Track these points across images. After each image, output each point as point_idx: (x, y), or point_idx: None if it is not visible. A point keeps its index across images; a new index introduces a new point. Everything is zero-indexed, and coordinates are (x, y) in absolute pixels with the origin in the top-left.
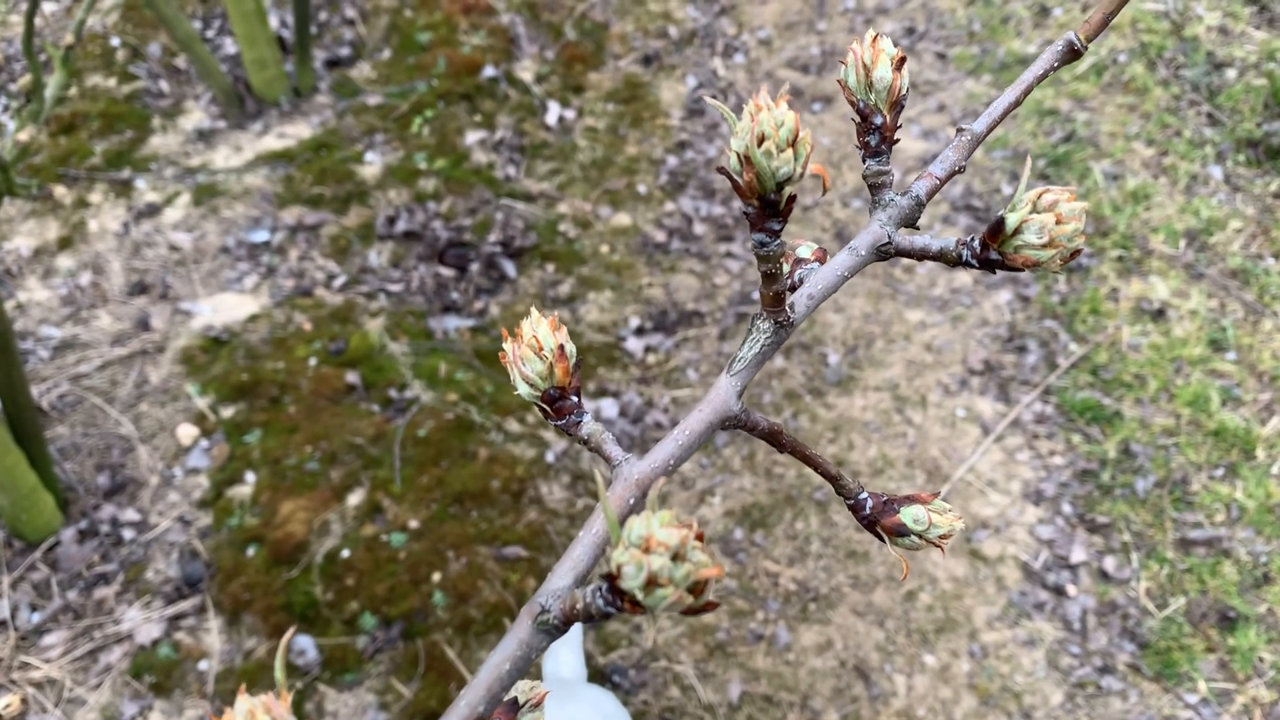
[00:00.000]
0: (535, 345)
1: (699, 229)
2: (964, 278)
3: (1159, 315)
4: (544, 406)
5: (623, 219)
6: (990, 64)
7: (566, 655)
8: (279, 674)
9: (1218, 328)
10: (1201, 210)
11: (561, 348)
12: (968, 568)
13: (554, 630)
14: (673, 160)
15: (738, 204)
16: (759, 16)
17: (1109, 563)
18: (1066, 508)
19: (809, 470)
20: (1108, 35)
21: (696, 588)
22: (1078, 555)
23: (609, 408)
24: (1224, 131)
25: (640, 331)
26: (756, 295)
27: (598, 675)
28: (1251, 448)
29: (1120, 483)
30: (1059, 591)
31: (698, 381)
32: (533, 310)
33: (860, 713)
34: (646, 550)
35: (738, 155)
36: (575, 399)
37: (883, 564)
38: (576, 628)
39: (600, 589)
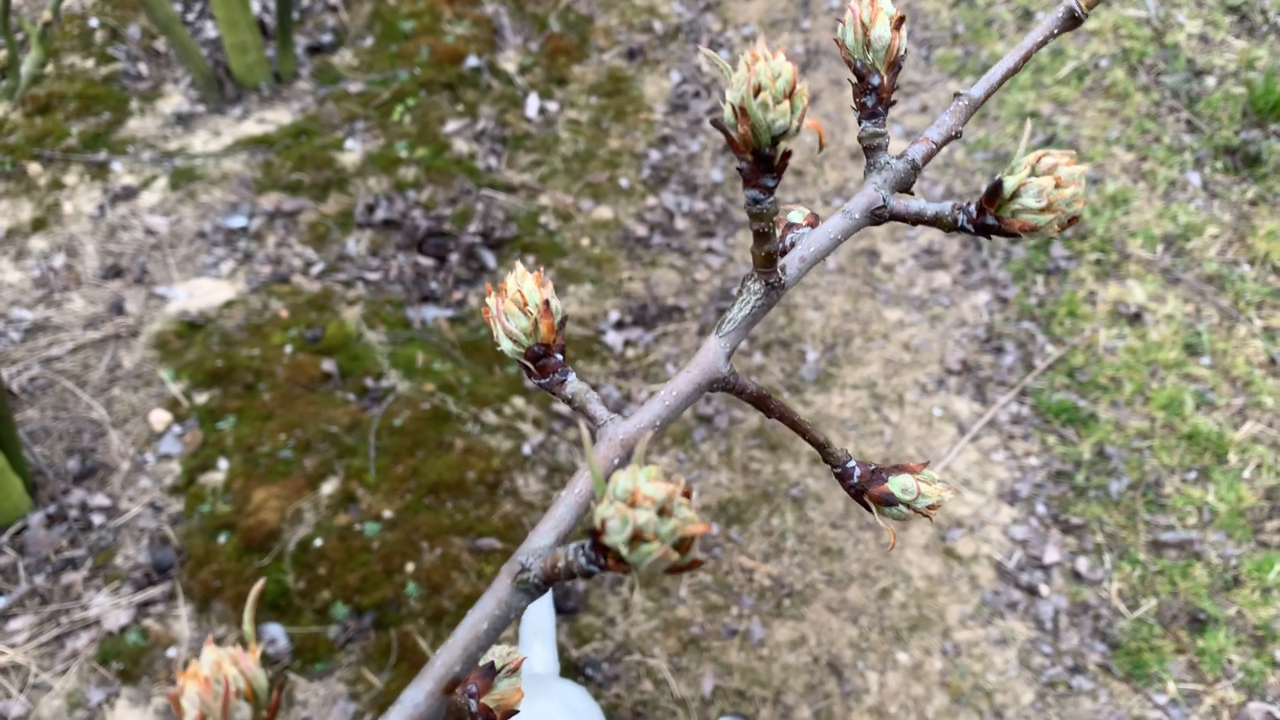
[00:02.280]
0: (520, 300)
1: (680, 224)
2: (943, 278)
3: (1135, 319)
4: (527, 364)
5: (604, 212)
6: (973, 66)
7: (539, 649)
8: (247, 626)
9: (1193, 332)
10: (1179, 216)
11: (547, 303)
12: (942, 566)
13: (534, 589)
14: (655, 155)
15: (719, 199)
16: (744, 13)
17: (1082, 563)
18: (1041, 508)
19: (786, 466)
20: (1089, 40)
21: (682, 544)
22: (1051, 556)
23: None
24: (1203, 138)
25: (620, 325)
26: (736, 291)
27: (571, 668)
28: (1224, 452)
29: (1094, 484)
30: (1032, 591)
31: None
32: (517, 264)
33: (832, 709)
34: (632, 505)
35: (733, 108)
36: (559, 357)
37: (857, 561)
38: (549, 622)
39: (583, 546)
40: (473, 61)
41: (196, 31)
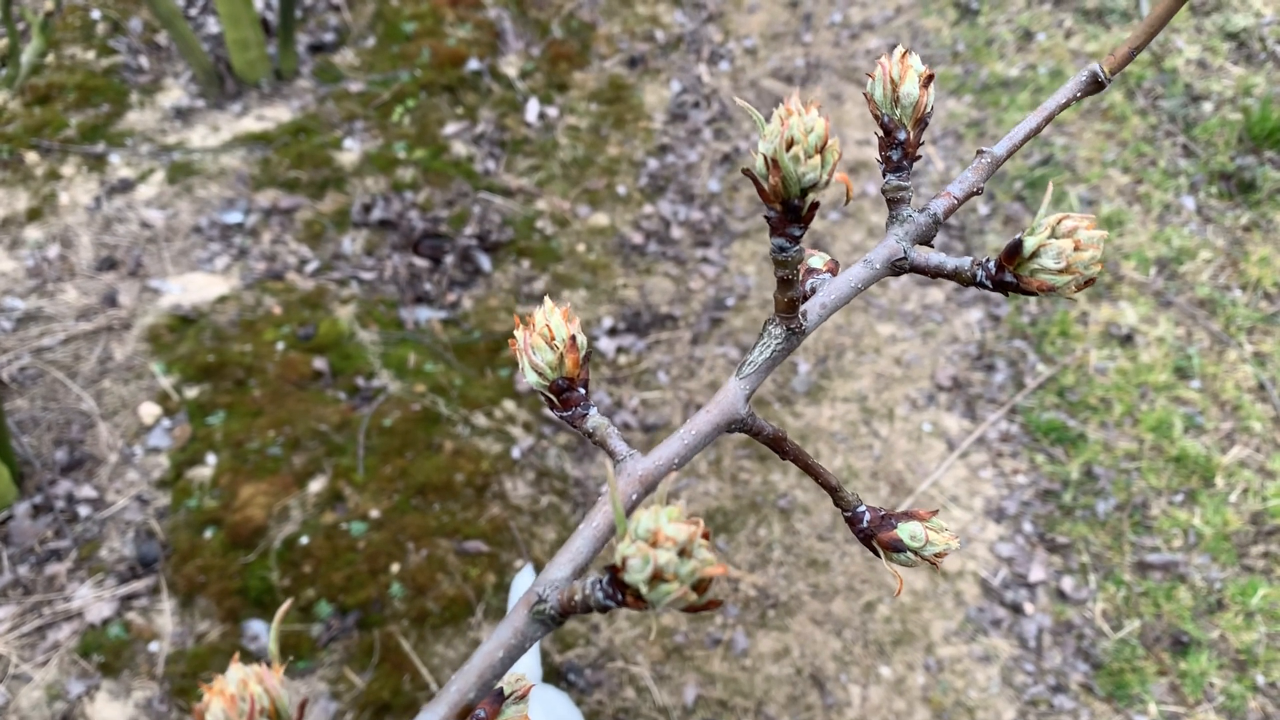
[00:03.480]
0: (547, 334)
1: (676, 233)
2: (936, 294)
3: (1127, 341)
4: (551, 397)
5: (601, 219)
6: (973, 85)
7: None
8: (272, 645)
9: (1184, 355)
10: (1173, 239)
11: (573, 338)
12: (927, 582)
13: (550, 621)
14: (653, 163)
15: (716, 210)
16: (746, 26)
17: (1067, 583)
18: (1027, 526)
19: (774, 477)
20: (1088, 62)
21: (701, 585)
22: (1036, 574)
23: None
24: (1198, 163)
25: (613, 332)
26: (731, 302)
27: (554, 674)
28: (1211, 475)
29: (1081, 504)
30: (1016, 609)
31: (668, 384)
32: (546, 299)
33: None
34: (654, 544)
35: (764, 158)
36: (583, 391)
37: (842, 574)
38: None
39: (601, 581)
40: (474, 64)
41: (198, 26)
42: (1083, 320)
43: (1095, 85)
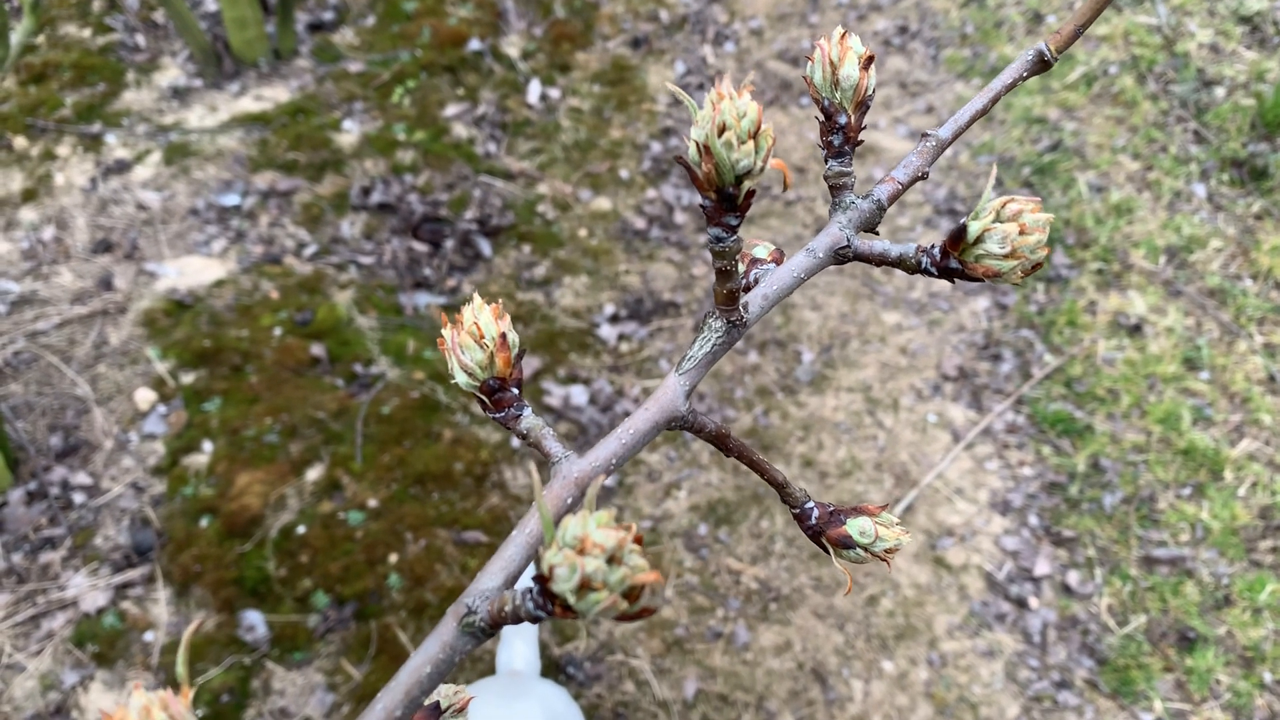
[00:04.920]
0: (476, 333)
1: (680, 218)
2: (942, 282)
3: (1135, 330)
4: (482, 398)
5: (603, 203)
6: (981, 67)
7: (520, 646)
8: (181, 667)
9: (1193, 346)
10: (1183, 227)
11: (504, 336)
12: (931, 575)
13: (480, 633)
14: (657, 146)
15: None
16: (752, 6)
17: (1072, 577)
18: (1033, 519)
19: (777, 468)
20: (1099, 46)
21: (632, 593)
22: (1042, 568)
23: (579, 394)
24: (1210, 150)
25: (615, 319)
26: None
27: (552, 667)
28: (1220, 469)
29: (1088, 497)
30: (1021, 604)
31: (670, 373)
32: (474, 296)
33: (816, 716)
34: (581, 552)
35: (697, 145)
36: (515, 391)
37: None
38: None
39: (531, 591)
40: (475, 44)
41: (196, 4)
42: (1091, 310)
43: (1042, 64)
